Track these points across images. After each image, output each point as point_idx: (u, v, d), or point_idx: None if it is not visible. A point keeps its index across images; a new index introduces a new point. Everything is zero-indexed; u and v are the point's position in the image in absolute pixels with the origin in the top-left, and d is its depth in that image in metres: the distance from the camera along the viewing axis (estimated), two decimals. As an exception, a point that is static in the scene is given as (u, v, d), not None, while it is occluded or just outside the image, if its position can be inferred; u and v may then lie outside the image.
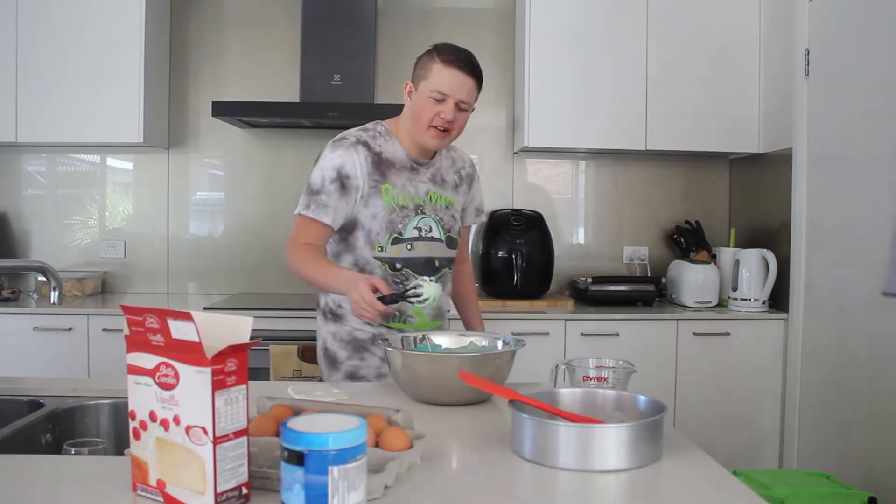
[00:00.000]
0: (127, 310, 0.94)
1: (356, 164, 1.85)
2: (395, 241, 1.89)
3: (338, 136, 1.91)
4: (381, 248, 1.88)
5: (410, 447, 1.05)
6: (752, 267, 3.14)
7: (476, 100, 1.88)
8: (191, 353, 0.88)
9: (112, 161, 3.57)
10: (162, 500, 0.92)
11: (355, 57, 3.31)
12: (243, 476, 0.91)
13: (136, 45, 3.17)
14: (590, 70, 3.26)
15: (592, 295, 3.22)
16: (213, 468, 0.87)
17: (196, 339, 0.87)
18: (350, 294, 1.68)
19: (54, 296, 1.56)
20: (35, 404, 1.48)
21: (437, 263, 1.95)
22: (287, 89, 3.45)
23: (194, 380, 0.88)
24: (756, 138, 3.31)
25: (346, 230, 1.90)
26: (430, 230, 1.94)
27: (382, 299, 1.67)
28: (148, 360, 0.92)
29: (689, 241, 3.52)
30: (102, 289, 3.48)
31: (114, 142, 3.30)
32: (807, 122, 2.94)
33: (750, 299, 3.14)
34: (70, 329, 2.95)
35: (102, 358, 2.93)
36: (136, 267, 3.55)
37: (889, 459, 2.40)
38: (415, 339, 1.64)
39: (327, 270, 1.82)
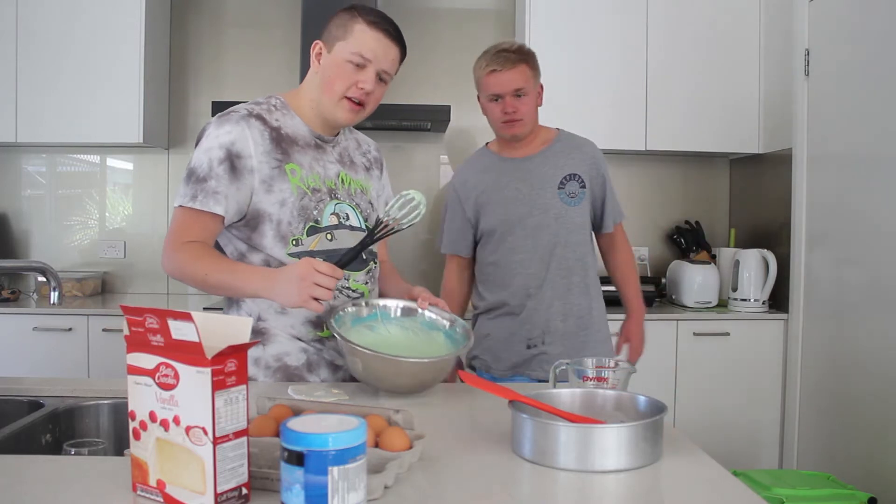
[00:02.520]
0: (127, 310, 0.94)
1: (249, 140, 1.53)
2: (312, 230, 1.58)
3: (224, 112, 1.58)
4: (297, 241, 1.56)
5: (410, 447, 1.05)
6: (752, 267, 3.14)
7: (396, 73, 1.65)
8: (191, 353, 0.88)
9: (112, 161, 3.58)
10: (162, 500, 0.92)
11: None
12: (243, 476, 0.91)
13: (136, 45, 3.17)
14: (589, 70, 3.26)
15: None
16: (212, 468, 0.87)
17: (196, 340, 0.87)
18: (292, 274, 1.40)
19: (54, 296, 1.55)
20: (35, 404, 1.48)
21: (364, 256, 1.64)
22: (287, 90, 3.43)
23: (194, 380, 0.88)
24: (756, 138, 3.31)
25: (249, 227, 1.56)
26: (348, 218, 1.64)
27: (340, 263, 1.46)
28: (148, 361, 0.92)
29: (689, 241, 3.52)
30: (102, 289, 3.48)
31: (114, 142, 3.30)
32: (807, 122, 2.94)
33: (750, 299, 3.14)
34: (70, 329, 2.95)
35: (102, 358, 2.93)
36: (136, 267, 3.55)
37: (889, 459, 2.40)
38: (365, 306, 1.59)
39: (233, 268, 1.51)
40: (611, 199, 2.26)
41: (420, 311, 1.63)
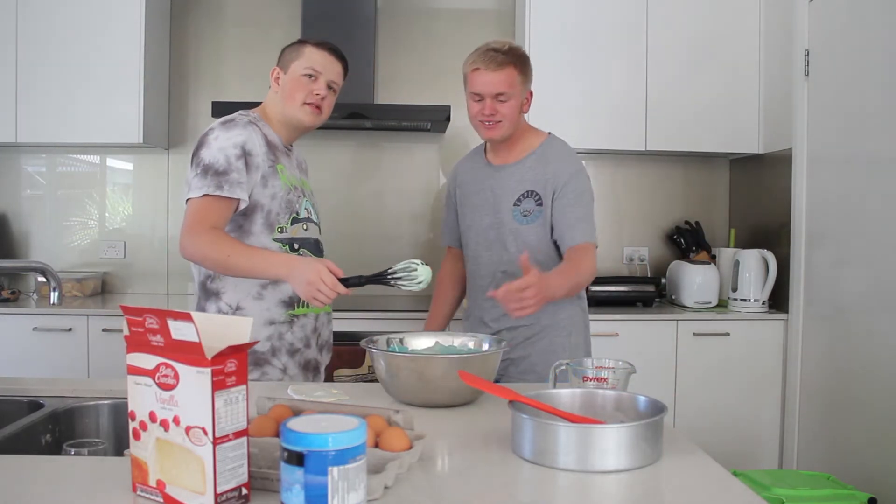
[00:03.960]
0: (126, 310, 0.94)
1: (256, 141, 1.80)
2: (294, 220, 1.87)
3: (225, 119, 1.83)
4: (282, 228, 1.84)
5: (410, 448, 1.05)
6: (752, 267, 3.14)
7: (342, 85, 1.96)
8: (191, 353, 0.88)
9: (112, 161, 3.57)
10: (162, 500, 0.92)
11: (355, 57, 3.30)
12: (243, 476, 0.91)
13: (136, 45, 3.16)
14: (590, 70, 3.26)
15: (592, 295, 3.22)
16: (212, 469, 0.87)
17: (196, 340, 0.87)
18: (305, 274, 1.61)
19: (54, 296, 1.56)
20: (35, 405, 1.48)
21: (320, 246, 1.96)
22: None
23: (194, 380, 0.88)
24: (756, 138, 3.31)
25: (243, 215, 1.80)
26: (310, 214, 1.94)
27: (345, 282, 1.62)
28: (148, 361, 0.92)
29: (688, 241, 3.52)
30: (102, 289, 3.48)
31: (114, 142, 3.29)
32: (807, 122, 2.94)
33: (750, 300, 3.14)
34: (70, 329, 2.95)
35: (102, 358, 2.93)
36: (136, 267, 3.55)
37: (889, 459, 2.40)
38: (388, 340, 1.59)
39: (254, 252, 1.72)
40: (564, 217, 2.01)
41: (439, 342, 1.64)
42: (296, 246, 1.86)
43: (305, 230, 1.89)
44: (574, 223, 2.00)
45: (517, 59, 2.02)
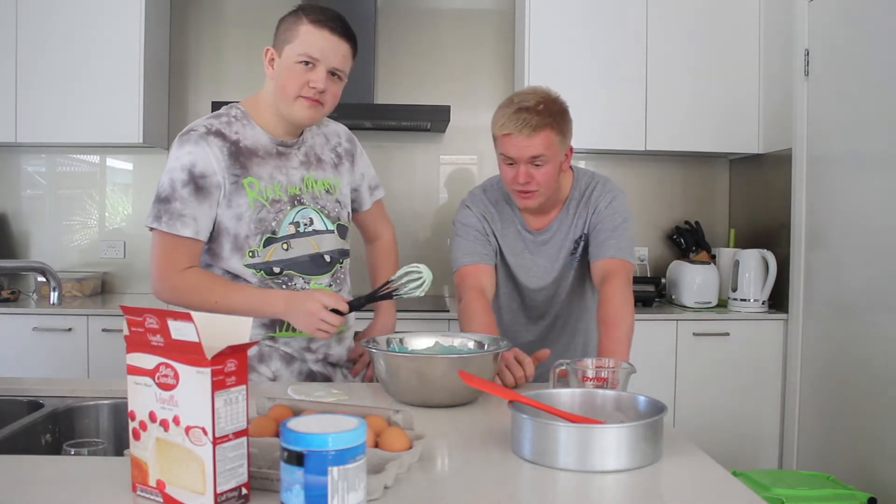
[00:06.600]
0: (126, 310, 0.94)
1: (210, 158, 1.56)
2: (269, 241, 1.62)
3: (185, 129, 1.61)
4: (253, 252, 1.61)
5: (410, 448, 1.05)
6: (752, 267, 3.14)
7: (350, 68, 1.64)
8: (190, 353, 0.88)
9: (112, 161, 3.58)
10: (162, 500, 0.92)
11: (355, 57, 3.31)
12: (243, 476, 0.91)
13: (136, 45, 3.17)
14: (589, 70, 3.26)
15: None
16: (212, 469, 0.87)
17: (196, 340, 0.87)
18: (303, 305, 1.52)
19: (54, 296, 1.56)
20: (35, 405, 1.48)
21: (327, 258, 1.69)
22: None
23: (194, 380, 0.88)
24: (756, 138, 3.31)
25: (210, 238, 1.63)
26: (311, 223, 1.67)
27: (350, 305, 1.56)
28: (147, 361, 0.92)
29: (688, 241, 3.52)
30: (102, 289, 3.48)
31: (113, 142, 3.29)
32: (806, 122, 2.94)
33: (749, 300, 3.14)
34: (70, 329, 2.95)
35: (102, 358, 2.93)
36: (136, 267, 3.55)
37: (889, 459, 2.40)
38: (388, 340, 1.55)
39: (244, 292, 1.59)
40: (596, 237, 1.85)
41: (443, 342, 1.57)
42: (275, 270, 1.63)
43: (286, 250, 1.63)
44: (604, 240, 1.81)
45: (554, 118, 1.74)
